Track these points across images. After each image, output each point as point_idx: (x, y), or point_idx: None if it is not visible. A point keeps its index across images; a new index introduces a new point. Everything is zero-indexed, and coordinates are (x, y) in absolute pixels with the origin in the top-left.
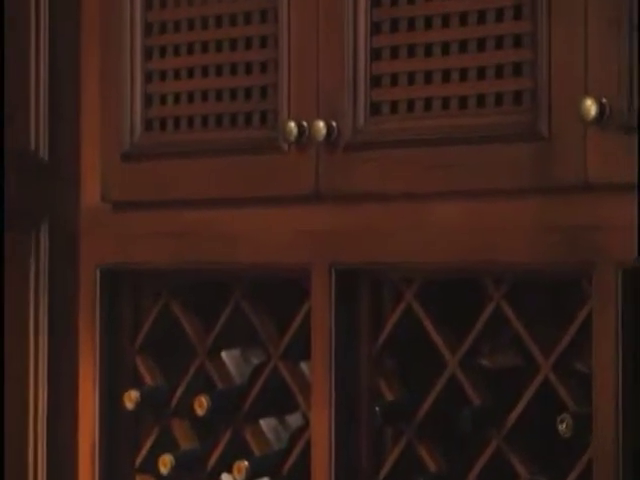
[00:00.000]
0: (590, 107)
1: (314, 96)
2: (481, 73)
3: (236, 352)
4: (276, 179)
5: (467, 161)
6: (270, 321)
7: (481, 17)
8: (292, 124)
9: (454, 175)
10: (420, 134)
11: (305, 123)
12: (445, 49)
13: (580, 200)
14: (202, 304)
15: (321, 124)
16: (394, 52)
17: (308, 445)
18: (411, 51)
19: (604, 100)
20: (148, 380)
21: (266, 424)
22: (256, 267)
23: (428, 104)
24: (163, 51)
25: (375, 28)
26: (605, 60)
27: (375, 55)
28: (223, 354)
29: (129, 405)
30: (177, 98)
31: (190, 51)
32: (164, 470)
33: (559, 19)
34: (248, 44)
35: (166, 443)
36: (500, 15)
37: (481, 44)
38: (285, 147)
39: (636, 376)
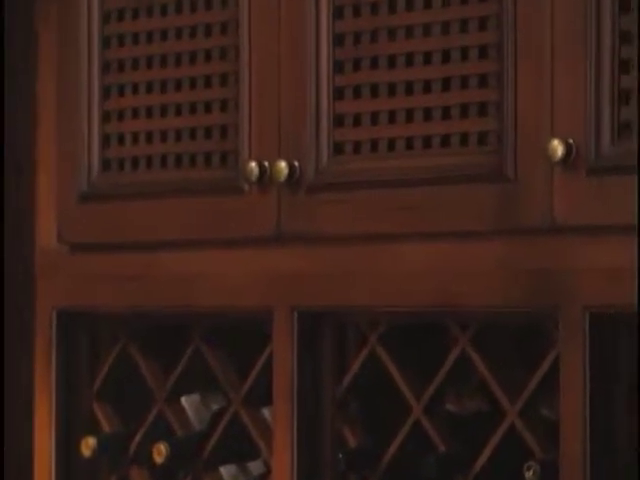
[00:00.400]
0: (556, 148)
1: (276, 136)
2: (446, 113)
3: (196, 397)
4: (237, 220)
5: (432, 202)
6: (231, 365)
7: (445, 56)
8: (253, 164)
9: (418, 217)
10: (384, 175)
11: (266, 163)
12: (409, 88)
13: (546, 242)
14: (161, 348)
15: (283, 164)
16: (357, 91)
17: None
18: (374, 90)
19: (571, 141)
20: (105, 426)
21: (226, 471)
22: (216, 310)
23: (392, 144)
24: (121, 90)
25: (338, 67)
26: (572, 100)
27: (338, 94)
28: (182, 399)
29: (86, 452)
30: (135, 138)
31: (149, 90)
32: None
33: (525, 59)
34: (208, 82)
35: None
36: (465, 54)
37: (446, 84)
38: (246, 188)
39: (604, 422)
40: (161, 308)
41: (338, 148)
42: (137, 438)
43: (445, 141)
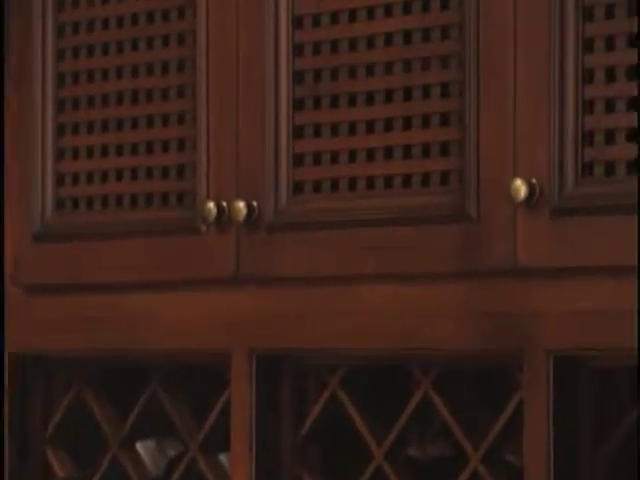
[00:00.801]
0: (520, 188)
1: (234, 175)
2: (407, 152)
3: (151, 443)
4: (195, 262)
5: (393, 243)
6: (187, 410)
7: (407, 94)
8: (211, 204)
9: (380, 258)
10: (344, 215)
11: (224, 203)
12: (370, 127)
13: (509, 284)
14: (116, 392)
15: (241, 204)
16: (317, 130)
17: None
18: (335, 129)
19: (534, 181)
20: (59, 472)
21: None
22: (173, 354)
23: (352, 184)
24: (76, 128)
25: (298, 105)
26: (535, 140)
27: (297, 133)
28: (138, 445)
29: None
30: (90, 177)
31: (104, 128)
32: None
33: (488, 97)
34: (165, 121)
35: None
36: (427, 93)
37: (407, 122)
38: (204, 228)
39: (568, 467)
40: (116, 351)
41: (298, 187)
42: None
43: (406, 181)
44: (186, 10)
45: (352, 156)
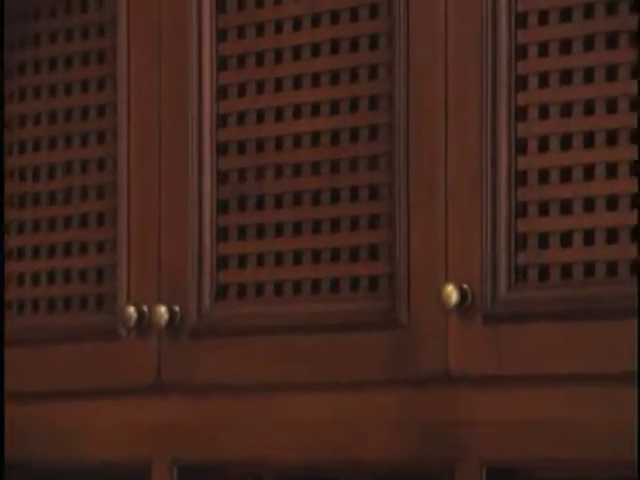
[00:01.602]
0: (451, 294)
1: (155, 278)
2: (335, 255)
3: None
4: (114, 368)
5: (320, 351)
6: None
7: (334, 195)
8: (131, 309)
9: (307, 366)
10: (270, 320)
11: (145, 308)
12: (297, 229)
13: (441, 392)
14: None
15: (163, 309)
16: (242, 232)
17: None
18: (260, 231)
19: (465, 286)
20: None
21: None
22: (92, 464)
23: (279, 288)
24: None
25: (222, 206)
26: (467, 244)
27: (222, 234)
28: None
29: None
30: (7, 280)
31: (20, 229)
32: None
33: (418, 200)
34: (84, 221)
35: None
36: (355, 194)
37: (335, 225)
38: (124, 333)
39: None
40: (33, 462)
41: (222, 291)
42: None
43: (334, 285)
44: (107, 108)
45: (278, 259)
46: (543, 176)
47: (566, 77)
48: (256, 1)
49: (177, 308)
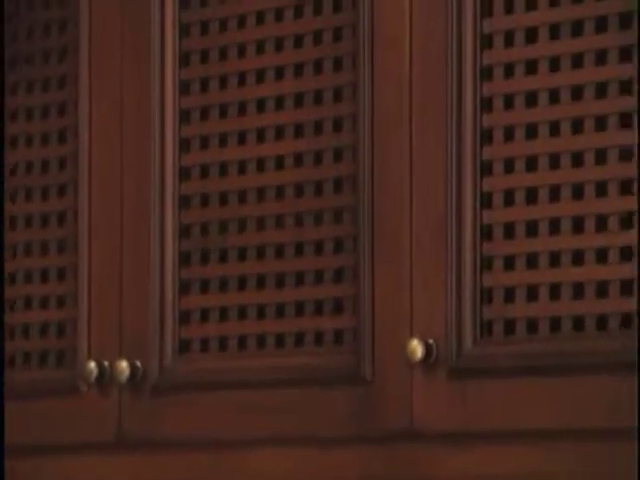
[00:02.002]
0: (416, 348)
1: (116, 333)
2: (299, 309)
3: None
4: (75, 424)
5: (284, 406)
6: None
7: (299, 249)
8: (92, 364)
9: (270, 421)
10: (233, 375)
11: (106, 363)
12: (261, 282)
13: (406, 448)
14: None
15: (124, 364)
16: (204, 285)
17: None
18: (223, 284)
19: (431, 341)
20: None
21: None
22: None
23: (242, 342)
24: None
25: (184, 259)
26: (432, 297)
27: (184, 288)
28: None
29: None
30: None
31: None
32: None
33: (382, 253)
34: (44, 276)
35: None
36: (319, 249)
37: (299, 278)
38: (84, 389)
39: None
40: None
41: (184, 346)
42: None
43: (299, 339)
44: (67, 161)
45: (242, 313)
46: (508, 230)
47: (532, 131)
48: (220, 55)
49: (139, 363)
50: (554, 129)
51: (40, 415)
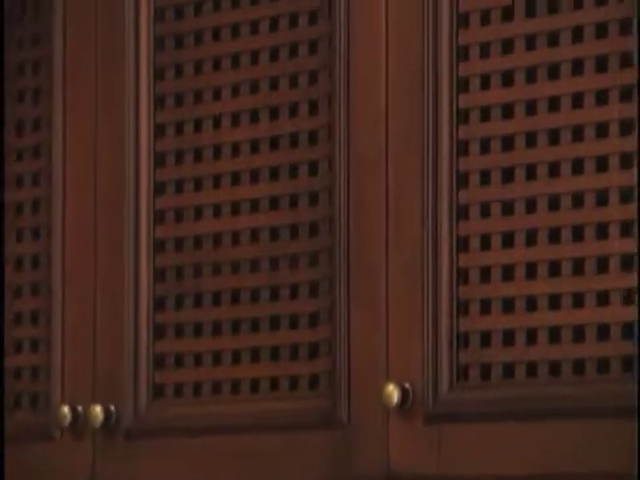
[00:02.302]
0: (392, 393)
1: (90, 377)
2: (274, 354)
3: None
4: (48, 469)
5: (259, 451)
6: None
7: (274, 292)
8: (65, 408)
9: (245, 467)
10: (208, 421)
11: (80, 407)
12: (235, 327)
13: None
14: None
15: (98, 409)
16: (179, 329)
17: None
18: (198, 329)
19: (407, 385)
20: None
21: None
22: None
23: (217, 387)
24: None
25: (158, 303)
26: (408, 341)
27: (158, 332)
28: None
29: None
30: None
31: None
32: None
33: (358, 296)
34: (18, 319)
35: None
36: (295, 293)
37: (274, 322)
38: (57, 434)
39: None
40: None
41: (158, 391)
42: None
43: (274, 385)
44: (41, 204)
45: (216, 358)
46: (484, 273)
47: (508, 175)
48: (195, 98)
49: (112, 408)
50: (531, 173)
51: (13, 460)
